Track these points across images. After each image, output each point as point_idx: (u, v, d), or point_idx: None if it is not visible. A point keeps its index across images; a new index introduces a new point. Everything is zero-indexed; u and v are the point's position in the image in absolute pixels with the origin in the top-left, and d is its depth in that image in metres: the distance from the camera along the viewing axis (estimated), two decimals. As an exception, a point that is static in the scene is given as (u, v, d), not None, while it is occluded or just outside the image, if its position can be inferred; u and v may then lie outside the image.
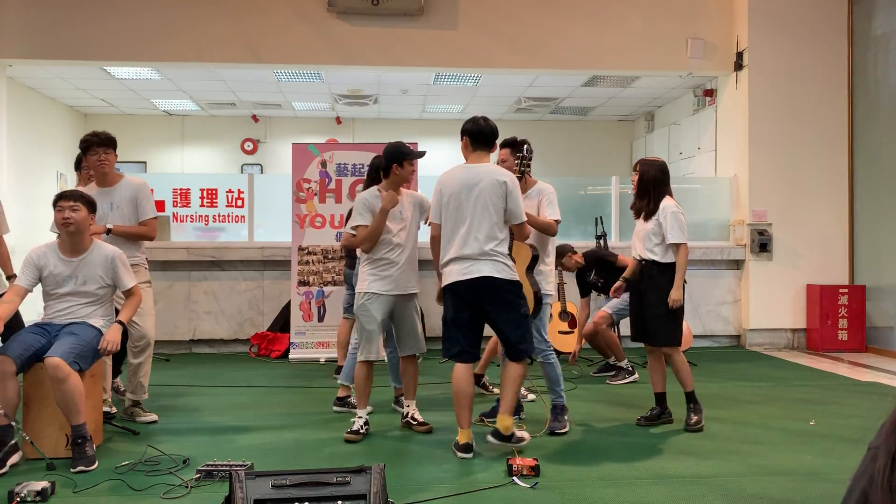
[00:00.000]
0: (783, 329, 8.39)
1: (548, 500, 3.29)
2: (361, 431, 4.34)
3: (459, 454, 3.93)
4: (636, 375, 6.18)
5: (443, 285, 4.04)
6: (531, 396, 5.30)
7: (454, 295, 3.98)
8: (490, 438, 4.01)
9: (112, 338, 4.02)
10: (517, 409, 4.87)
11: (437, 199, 4.07)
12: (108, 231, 4.61)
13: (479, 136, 4.09)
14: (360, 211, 4.41)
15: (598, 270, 6.38)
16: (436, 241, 4.11)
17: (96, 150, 4.68)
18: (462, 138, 4.13)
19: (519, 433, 4.08)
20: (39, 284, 4.17)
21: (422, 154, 4.53)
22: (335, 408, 5.08)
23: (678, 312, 4.61)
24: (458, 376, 3.98)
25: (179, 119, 12.40)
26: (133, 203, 4.75)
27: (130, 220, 4.74)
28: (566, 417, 4.54)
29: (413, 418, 4.54)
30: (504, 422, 3.99)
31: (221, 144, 12.54)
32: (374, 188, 4.49)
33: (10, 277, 4.81)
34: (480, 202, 3.94)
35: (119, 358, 5.04)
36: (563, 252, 6.17)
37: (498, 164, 4.67)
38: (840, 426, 4.67)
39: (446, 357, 4.07)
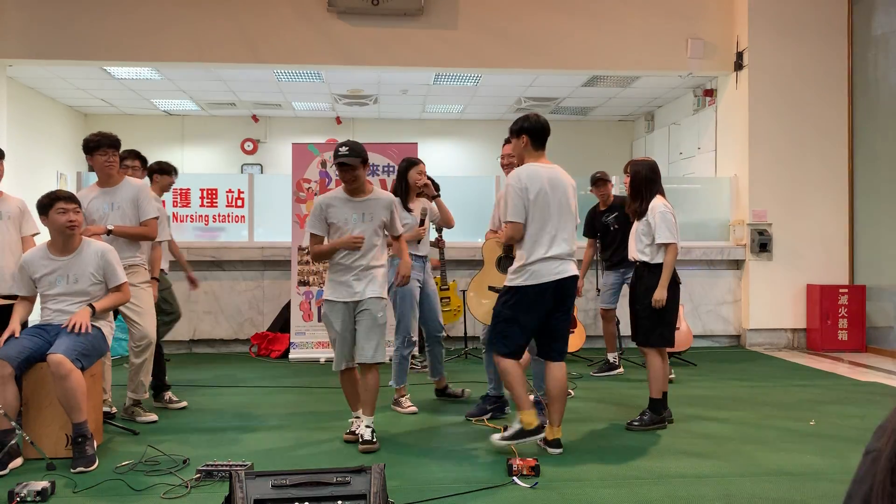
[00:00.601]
0: (783, 329, 8.39)
1: (548, 500, 3.28)
2: (357, 433, 4.29)
3: (531, 438, 3.95)
4: (621, 369, 6.54)
5: (531, 284, 3.92)
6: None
7: (543, 294, 3.92)
8: (552, 451, 4.01)
9: (78, 318, 3.96)
10: (503, 407, 4.87)
11: (522, 196, 3.93)
12: (109, 232, 4.61)
13: (541, 133, 4.06)
14: (311, 220, 4.23)
15: (619, 214, 6.23)
16: (517, 241, 4.00)
17: (106, 150, 4.67)
18: (520, 137, 4.05)
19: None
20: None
21: (342, 161, 4.11)
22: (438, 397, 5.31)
23: (663, 313, 4.56)
24: (514, 363, 3.99)
25: (179, 119, 12.40)
26: (134, 203, 4.75)
27: (131, 221, 4.74)
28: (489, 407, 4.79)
29: (362, 437, 4.13)
30: (557, 433, 4.06)
31: (221, 144, 12.54)
32: (338, 189, 4.29)
33: None
34: (564, 203, 3.99)
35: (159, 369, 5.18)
36: (604, 180, 6.36)
37: (507, 155, 4.78)
38: (840, 426, 4.67)
39: (504, 353, 3.97)
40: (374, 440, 4.12)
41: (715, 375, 6.54)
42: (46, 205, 4.04)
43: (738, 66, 8.50)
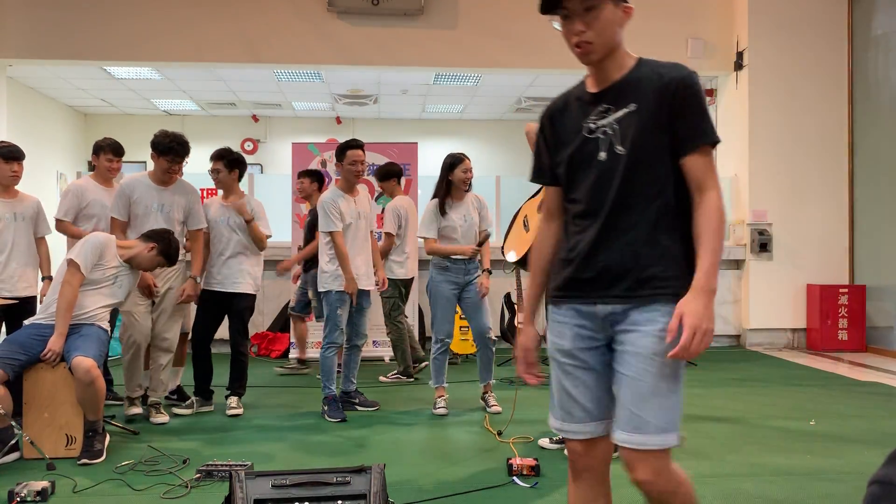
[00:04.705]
0: (783, 329, 8.39)
1: (548, 500, 3.28)
2: None
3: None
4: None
5: None
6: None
7: None
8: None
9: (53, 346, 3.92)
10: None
11: None
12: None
13: None
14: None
15: None
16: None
17: (174, 158, 4.83)
18: None
19: None
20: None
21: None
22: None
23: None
24: None
25: (179, 119, 12.40)
26: (185, 210, 4.91)
27: (175, 225, 4.83)
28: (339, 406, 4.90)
29: None
30: None
31: (221, 144, 12.45)
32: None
33: (46, 279, 4.89)
34: None
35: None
36: None
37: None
38: (840, 426, 4.67)
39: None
40: None
41: (715, 375, 6.53)
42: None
43: (738, 65, 8.50)
